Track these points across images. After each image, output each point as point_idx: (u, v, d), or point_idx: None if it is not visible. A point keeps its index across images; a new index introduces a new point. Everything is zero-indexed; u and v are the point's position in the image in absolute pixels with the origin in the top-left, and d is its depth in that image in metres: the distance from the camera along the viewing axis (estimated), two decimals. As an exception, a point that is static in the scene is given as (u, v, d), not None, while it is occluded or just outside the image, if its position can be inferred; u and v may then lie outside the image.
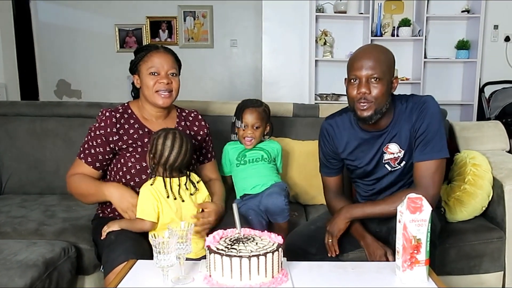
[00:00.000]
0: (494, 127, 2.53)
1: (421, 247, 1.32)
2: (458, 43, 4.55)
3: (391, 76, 1.66)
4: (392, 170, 1.76)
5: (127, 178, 1.80)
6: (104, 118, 1.82)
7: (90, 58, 5.86)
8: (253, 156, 2.10)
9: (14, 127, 2.46)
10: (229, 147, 2.15)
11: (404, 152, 1.72)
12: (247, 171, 2.07)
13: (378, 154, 1.75)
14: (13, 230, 1.93)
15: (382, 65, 1.61)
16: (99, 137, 1.80)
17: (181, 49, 5.74)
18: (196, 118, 2.01)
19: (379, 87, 1.61)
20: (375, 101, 1.61)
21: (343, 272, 1.43)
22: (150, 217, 1.64)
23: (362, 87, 1.61)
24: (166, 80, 1.79)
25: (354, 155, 1.80)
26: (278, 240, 1.36)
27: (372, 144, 1.75)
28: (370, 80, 1.61)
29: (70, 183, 1.84)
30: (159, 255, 1.24)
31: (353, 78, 1.64)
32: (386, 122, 1.72)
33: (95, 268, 1.92)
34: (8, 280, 1.46)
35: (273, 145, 2.17)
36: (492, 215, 2.11)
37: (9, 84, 4.59)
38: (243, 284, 1.25)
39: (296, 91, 4.62)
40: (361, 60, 1.63)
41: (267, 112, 2.13)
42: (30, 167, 2.44)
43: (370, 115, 1.63)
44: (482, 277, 2.04)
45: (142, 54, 1.83)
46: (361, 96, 1.61)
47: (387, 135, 1.73)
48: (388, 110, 1.69)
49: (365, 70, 1.60)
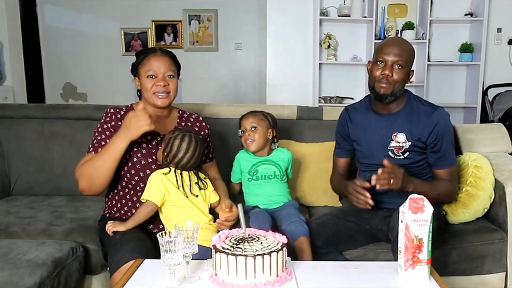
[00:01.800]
0: (496, 129, 2.55)
1: (423, 247, 1.35)
2: (462, 46, 4.57)
3: (410, 68, 1.91)
4: (394, 157, 1.92)
5: (132, 173, 1.84)
6: (110, 115, 1.90)
7: (96, 61, 5.91)
8: (265, 173, 2.07)
9: (23, 129, 2.50)
10: (241, 155, 2.13)
11: (410, 145, 1.91)
12: (260, 188, 2.07)
13: (385, 139, 1.95)
14: (22, 230, 1.97)
15: (407, 56, 1.86)
16: (107, 130, 1.86)
17: (186, 53, 5.79)
18: (197, 120, 2.07)
19: (400, 73, 1.85)
20: (394, 84, 1.86)
21: (346, 271, 1.45)
22: (155, 199, 1.70)
23: (387, 70, 1.85)
24: (163, 82, 1.84)
25: (363, 134, 2.01)
26: (283, 240, 1.39)
27: (381, 127, 1.96)
28: (394, 66, 1.85)
29: (79, 172, 1.81)
30: (166, 253, 1.27)
31: (380, 61, 1.87)
32: (396, 107, 1.95)
33: (102, 268, 1.95)
34: (18, 279, 1.49)
35: (284, 156, 2.13)
36: (494, 216, 2.13)
37: (17, 87, 4.65)
38: (248, 283, 1.28)
39: (300, 94, 4.65)
40: (390, 47, 1.86)
41: (267, 117, 2.12)
42: (38, 168, 2.47)
43: (387, 94, 1.88)
44: (485, 278, 2.05)
45: (141, 57, 1.88)
46: (384, 77, 1.85)
47: (397, 123, 1.93)
48: (401, 97, 1.93)
49: (393, 56, 1.84)
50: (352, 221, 1.99)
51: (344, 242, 1.94)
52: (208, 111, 2.48)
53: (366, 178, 1.95)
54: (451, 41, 4.61)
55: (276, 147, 2.16)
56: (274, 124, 2.15)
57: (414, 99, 1.97)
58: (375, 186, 1.76)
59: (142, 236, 1.71)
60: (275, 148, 2.15)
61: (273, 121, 2.15)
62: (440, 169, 1.95)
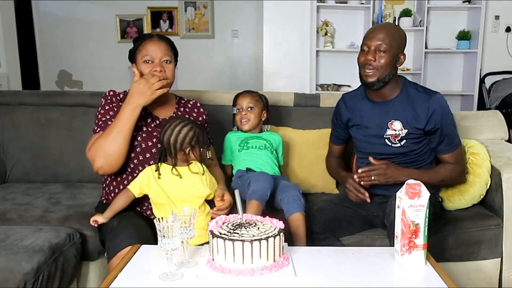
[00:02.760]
0: (493, 116, 2.55)
1: (419, 232, 1.35)
2: (459, 34, 4.56)
3: (399, 51, 1.88)
4: (391, 145, 1.93)
5: (131, 156, 1.83)
6: (110, 97, 1.89)
7: (91, 48, 5.86)
8: (256, 144, 2.13)
9: (18, 116, 2.48)
10: (231, 135, 2.19)
11: (406, 132, 1.90)
12: (250, 155, 2.10)
13: (382, 127, 1.94)
14: (19, 217, 1.96)
15: (390, 40, 1.84)
16: (110, 110, 1.84)
17: (182, 40, 5.75)
18: (194, 106, 2.07)
19: (384, 57, 1.84)
20: (379, 69, 1.85)
21: (343, 256, 1.46)
22: (133, 189, 1.72)
23: (370, 55, 1.85)
24: (159, 67, 1.82)
25: (360, 122, 2.01)
26: (280, 225, 1.39)
27: (377, 115, 1.95)
28: (378, 50, 1.84)
29: (92, 151, 1.75)
30: (164, 239, 1.27)
31: (364, 48, 1.88)
32: (391, 93, 1.93)
33: (99, 254, 1.95)
34: (16, 264, 1.49)
35: (274, 136, 2.21)
36: (490, 203, 2.14)
37: (11, 74, 4.61)
38: (245, 268, 1.29)
39: (297, 82, 4.64)
40: (372, 33, 1.88)
41: (262, 99, 2.19)
42: (34, 155, 2.46)
43: (373, 81, 1.87)
44: (480, 263, 2.07)
45: (138, 43, 1.87)
46: (367, 62, 1.86)
47: (393, 110, 1.93)
48: (394, 82, 1.92)
49: (375, 41, 1.85)
50: (349, 207, 2.01)
51: (341, 228, 1.96)
52: (205, 97, 2.47)
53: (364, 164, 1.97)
54: (448, 28, 4.61)
55: (267, 129, 2.23)
56: (267, 106, 2.21)
57: (410, 85, 1.95)
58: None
59: (140, 222, 1.71)
60: (267, 130, 2.22)
61: (266, 103, 2.22)
62: (444, 154, 1.95)
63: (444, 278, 1.30)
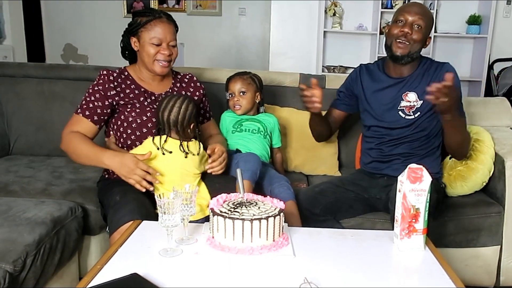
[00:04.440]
0: (500, 103, 2.53)
1: (419, 217, 1.35)
2: (470, 18, 4.49)
3: (428, 33, 1.91)
4: (406, 117, 1.93)
5: (128, 132, 1.85)
6: (102, 77, 1.87)
7: (97, 23, 5.81)
8: (249, 127, 2.13)
9: (22, 89, 2.48)
10: (226, 114, 2.19)
11: (422, 104, 1.91)
12: (243, 138, 2.10)
13: (396, 99, 1.96)
14: (22, 189, 1.98)
15: (427, 19, 1.88)
16: (97, 92, 1.84)
17: (188, 16, 5.68)
18: (191, 80, 2.06)
19: (419, 33, 1.86)
20: (412, 43, 1.86)
21: (343, 238, 1.46)
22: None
23: (407, 27, 1.85)
24: (167, 51, 1.83)
25: (374, 96, 2.01)
26: (280, 206, 1.39)
27: (392, 89, 1.97)
28: (414, 25, 1.86)
29: (67, 141, 1.82)
30: (164, 215, 1.27)
31: (401, 20, 1.88)
32: (409, 71, 1.95)
33: (101, 229, 1.97)
34: (18, 236, 1.51)
35: (270, 119, 2.20)
36: (492, 190, 2.13)
37: (16, 46, 4.60)
38: (245, 247, 1.30)
39: (303, 62, 4.60)
40: (412, 7, 1.89)
41: (255, 80, 2.16)
42: (38, 128, 2.47)
43: (403, 55, 1.88)
44: (479, 250, 2.07)
45: (145, 20, 1.83)
46: (403, 34, 1.86)
47: (408, 84, 1.95)
48: (415, 61, 1.94)
49: (414, 16, 1.86)
50: (351, 190, 2.00)
51: (341, 211, 1.96)
52: (209, 75, 2.45)
53: (371, 146, 2.00)
54: (459, 12, 4.54)
55: (263, 111, 2.21)
56: (261, 87, 2.19)
57: (425, 61, 1.98)
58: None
59: (142, 198, 1.72)
60: (262, 112, 2.21)
61: (260, 83, 2.19)
62: None
63: (443, 264, 1.30)
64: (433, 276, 1.25)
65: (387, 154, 1.98)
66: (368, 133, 2.07)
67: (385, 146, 1.99)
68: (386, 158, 1.98)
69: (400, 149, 1.97)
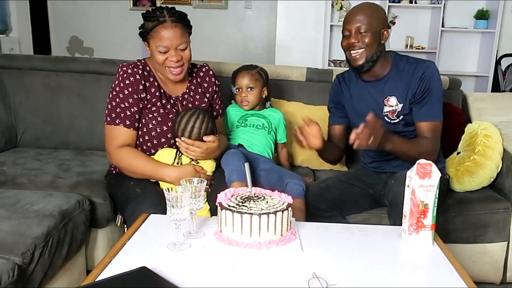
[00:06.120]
0: (508, 99, 2.51)
1: (428, 212, 1.35)
2: (478, 13, 4.45)
3: (381, 27, 1.84)
4: (391, 122, 1.90)
5: (145, 138, 1.82)
6: (127, 76, 1.78)
7: (103, 15, 5.80)
8: (254, 122, 2.11)
9: (29, 81, 2.48)
10: (231, 108, 2.18)
11: (402, 106, 1.88)
12: (247, 133, 2.09)
13: (379, 105, 1.91)
14: (29, 182, 1.98)
15: (369, 19, 1.81)
16: (130, 96, 1.77)
17: (194, 9, 5.67)
18: (207, 74, 1.99)
19: (366, 37, 1.81)
20: (366, 48, 1.81)
21: (350, 234, 1.46)
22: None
23: (352, 38, 1.82)
24: (176, 57, 1.74)
25: (357, 104, 1.96)
26: (288, 200, 1.39)
27: (372, 94, 1.92)
28: (358, 33, 1.81)
29: (118, 158, 1.79)
30: (172, 208, 1.27)
31: (345, 33, 1.86)
32: (382, 71, 1.90)
33: (108, 222, 1.98)
34: (26, 228, 1.51)
35: (275, 114, 2.18)
36: (500, 186, 2.12)
37: (23, 39, 4.60)
38: (253, 241, 1.30)
39: (310, 57, 4.58)
40: (351, 15, 1.85)
41: (262, 75, 2.14)
42: (45, 121, 2.47)
43: (362, 64, 1.84)
44: (486, 246, 2.07)
45: (151, 26, 1.73)
46: (351, 45, 1.82)
47: (387, 87, 1.89)
48: (383, 59, 1.88)
49: (354, 23, 1.82)
50: (356, 185, 2.00)
51: (347, 206, 1.96)
52: (216, 69, 2.44)
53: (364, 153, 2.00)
54: (466, 7, 4.50)
55: (269, 106, 2.20)
56: (267, 81, 2.17)
57: (401, 60, 1.90)
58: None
59: (161, 191, 1.71)
60: (268, 107, 2.20)
61: (266, 78, 2.18)
62: (422, 121, 1.86)
63: (451, 260, 1.30)
64: (441, 272, 1.25)
65: (385, 154, 1.95)
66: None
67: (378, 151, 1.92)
68: (386, 157, 1.96)
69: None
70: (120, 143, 1.77)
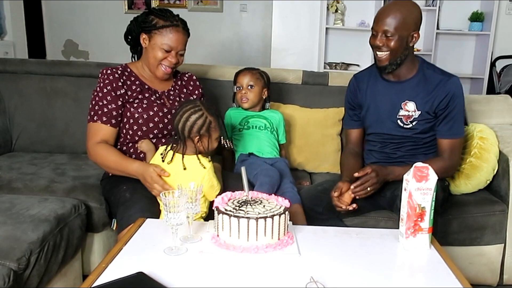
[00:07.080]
0: (503, 101, 2.52)
1: (425, 215, 1.35)
2: (472, 15, 4.47)
3: (410, 30, 1.80)
4: (403, 127, 1.89)
5: (134, 128, 1.85)
6: (106, 76, 1.86)
7: (99, 19, 5.78)
8: (256, 124, 2.12)
9: (24, 85, 2.47)
10: (231, 111, 2.18)
11: (419, 114, 1.86)
12: (251, 135, 2.10)
13: (395, 107, 1.90)
14: (24, 186, 1.97)
15: (398, 22, 1.76)
16: (108, 94, 1.83)
17: (189, 12, 5.66)
18: (190, 79, 2.07)
19: (392, 40, 1.78)
20: (390, 52, 1.80)
21: (347, 237, 1.46)
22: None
23: (377, 40, 1.81)
24: (175, 60, 1.86)
25: (372, 102, 1.96)
26: (285, 204, 1.39)
27: (391, 94, 1.91)
28: (384, 35, 1.79)
29: (94, 154, 1.82)
30: (169, 213, 1.27)
31: (373, 32, 1.83)
32: (406, 73, 1.89)
33: (104, 226, 1.97)
34: (22, 233, 1.50)
35: (275, 115, 2.19)
36: (496, 188, 2.13)
37: (17, 42, 4.58)
38: (250, 245, 1.29)
39: (305, 59, 4.59)
40: (379, 15, 1.82)
41: (263, 76, 2.18)
42: (40, 125, 2.46)
43: (385, 65, 1.84)
44: (483, 249, 2.07)
45: (161, 24, 1.82)
46: (377, 46, 1.81)
47: (408, 91, 1.88)
48: (409, 63, 1.87)
49: (382, 25, 1.78)
50: None
51: None
52: (212, 72, 2.45)
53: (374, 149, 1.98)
54: (461, 9, 4.52)
55: (268, 107, 2.22)
56: (268, 84, 2.20)
57: (427, 67, 1.89)
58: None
59: (152, 195, 1.71)
60: (268, 108, 2.21)
61: (267, 80, 2.20)
62: (444, 138, 1.87)
63: (448, 263, 1.30)
64: (438, 275, 1.25)
65: (391, 157, 1.96)
66: (370, 137, 2.04)
67: (388, 149, 1.97)
68: (391, 160, 1.96)
69: (404, 151, 1.94)
70: (98, 139, 1.81)
